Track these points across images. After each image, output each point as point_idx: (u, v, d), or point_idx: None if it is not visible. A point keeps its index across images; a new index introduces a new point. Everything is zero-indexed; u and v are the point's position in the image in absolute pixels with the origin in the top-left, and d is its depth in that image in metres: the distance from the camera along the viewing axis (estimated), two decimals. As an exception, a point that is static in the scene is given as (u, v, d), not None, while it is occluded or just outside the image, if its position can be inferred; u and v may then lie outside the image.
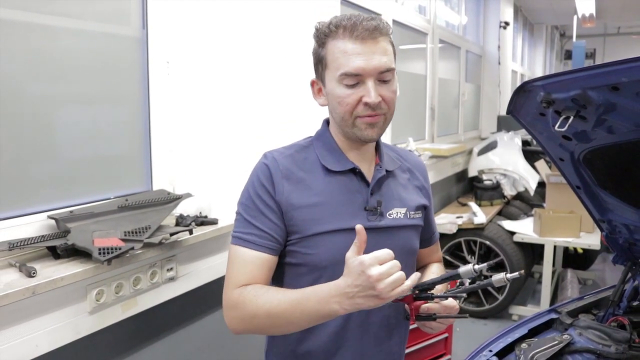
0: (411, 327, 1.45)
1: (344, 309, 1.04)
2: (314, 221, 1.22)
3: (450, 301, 1.19)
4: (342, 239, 1.21)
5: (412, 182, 1.39)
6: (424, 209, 1.39)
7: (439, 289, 1.26)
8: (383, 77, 1.19)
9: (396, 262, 1.01)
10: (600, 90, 1.19)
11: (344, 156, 1.28)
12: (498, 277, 1.06)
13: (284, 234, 1.24)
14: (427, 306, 1.18)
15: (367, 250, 1.22)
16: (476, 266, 1.07)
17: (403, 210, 1.32)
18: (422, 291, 1.16)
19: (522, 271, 1.15)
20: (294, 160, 1.27)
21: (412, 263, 1.38)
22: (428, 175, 1.46)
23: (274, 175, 1.23)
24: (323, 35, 1.22)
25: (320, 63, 1.24)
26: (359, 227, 1.03)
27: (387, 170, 1.32)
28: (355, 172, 1.28)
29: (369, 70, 1.16)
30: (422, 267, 1.52)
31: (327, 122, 1.34)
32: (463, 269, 1.09)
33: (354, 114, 1.20)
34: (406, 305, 1.20)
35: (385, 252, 1.01)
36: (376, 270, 0.99)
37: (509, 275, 1.06)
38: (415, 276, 1.07)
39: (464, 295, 1.16)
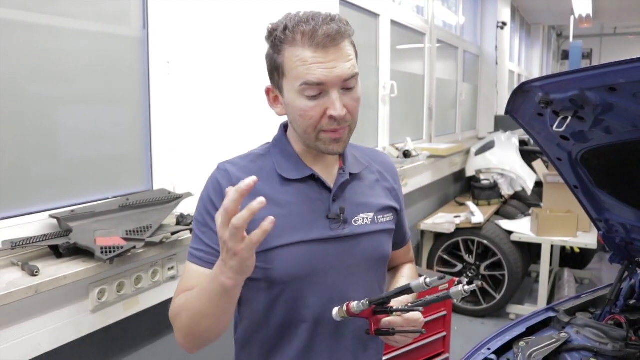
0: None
1: (228, 278, 0.97)
2: (271, 235, 1.06)
3: (414, 314, 1.12)
4: (302, 252, 1.15)
5: (380, 183, 1.31)
6: (395, 211, 1.31)
7: (404, 300, 1.17)
8: (347, 84, 1.10)
9: (240, 216, 0.89)
10: (598, 91, 1.20)
11: (301, 163, 1.20)
12: (456, 290, 1.01)
13: None
14: (389, 320, 1.10)
15: (332, 260, 1.18)
16: (427, 280, 1.02)
17: (370, 215, 1.24)
18: (380, 305, 1.09)
19: (481, 282, 1.13)
20: (249, 171, 1.16)
21: (382, 270, 1.31)
22: (398, 175, 1.38)
23: (225, 189, 1.05)
24: (279, 41, 1.11)
25: (276, 71, 1.14)
26: (229, 189, 0.92)
27: (351, 174, 1.24)
28: (314, 178, 1.19)
29: (332, 80, 1.07)
30: (393, 269, 1.45)
31: (284, 126, 1.27)
32: (415, 282, 1.03)
33: (318, 128, 1.11)
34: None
35: (223, 209, 0.91)
36: (226, 234, 0.91)
37: (466, 287, 1.02)
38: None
39: (421, 309, 1.11)
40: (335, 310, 1.11)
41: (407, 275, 1.40)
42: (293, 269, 1.15)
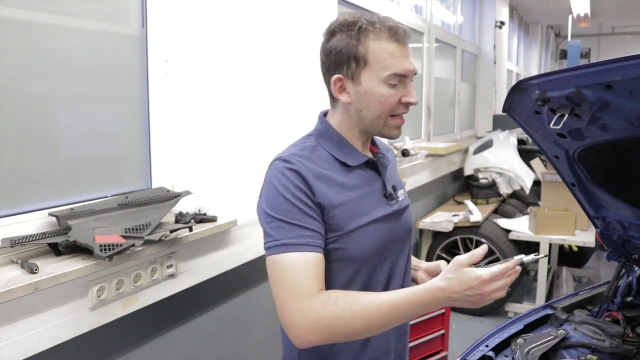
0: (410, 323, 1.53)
1: (442, 306, 1.14)
2: (351, 216, 1.23)
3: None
4: (374, 229, 1.27)
5: (393, 163, 1.47)
6: None
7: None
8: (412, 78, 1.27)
9: (507, 281, 1.12)
10: (594, 88, 1.21)
11: (355, 150, 1.31)
12: (528, 258, 1.20)
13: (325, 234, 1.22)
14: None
15: (392, 233, 1.33)
16: (533, 256, 1.23)
17: (402, 190, 1.42)
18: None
19: (544, 255, 1.31)
20: (314, 161, 1.24)
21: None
22: None
23: (307, 178, 1.19)
24: (363, 33, 1.20)
25: (355, 60, 1.21)
26: (484, 248, 1.14)
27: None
28: (368, 163, 1.32)
29: (411, 72, 1.24)
30: None
31: (324, 118, 1.34)
32: (527, 258, 1.22)
33: (391, 113, 1.24)
34: None
35: (499, 270, 1.10)
36: (491, 287, 1.09)
37: (534, 256, 1.22)
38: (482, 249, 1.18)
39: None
40: None
41: None
42: (370, 246, 1.26)
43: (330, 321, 1.09)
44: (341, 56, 1.22)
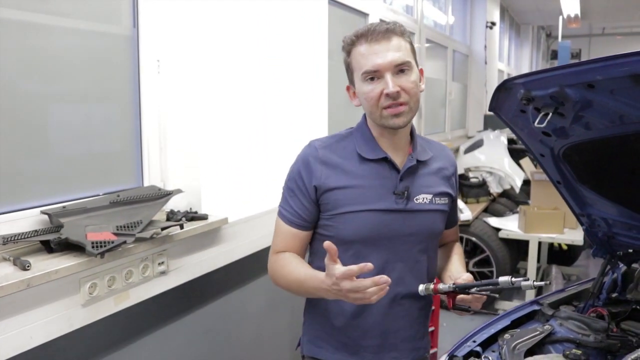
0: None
1: (332, 297, 1.26)
2: (345, 201, 1.40)
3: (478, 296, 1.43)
4: (369, 218, 1.41)
5: (442, 172, 1.54)
6: (450, 197, 1.55)
7: (457, 273, 1.51)
8: (400, 68, 1.35)
9: (366, 283, 1.18)
10: (577, 87, 1.23)
11: (378, 146, 1.45)
12: (527, 283, 1.31)
13: (312, 214, 1.45)
14: (462, 297, 1.40)
15: (393, 228, 1.44)
16: (513, 279, 1.30)
17: (429, 196, 1.48)
18: (462, 289, 1.38)
19: (547, 282, 1.43)
20: (333, 148, 1.45)
21: (434, 244, 1.57)
22: (457, 170, 1.63)
23: (312, 163, 1.43)
24: (348, 46, 1.41)
25: (349, 69, 1.44)
26: (327, 244, 1.20)
27: (418, 160, 1.47)
28: (386, 160, 1.44)
29: (384, 65, 1.33)
30: (444, 246, 1.72)
31: (364, 116, 1.51)
32: (502, 279, 1.32)
33: (379, 106, 1.36)
34: (444, 296, 1.42)
35: (354, 269, 1.17)
36: (346, 286, 1.18)
37: (535, 283, 1.33)
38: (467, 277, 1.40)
39: (497, 295, 1.38)
40: (422, 287, 1.40)
41: (458, 253, 1.69)
42: (359, 231, 1.42)
43: (272, 275, 1.50)
44: (346, 69, 1.46)
